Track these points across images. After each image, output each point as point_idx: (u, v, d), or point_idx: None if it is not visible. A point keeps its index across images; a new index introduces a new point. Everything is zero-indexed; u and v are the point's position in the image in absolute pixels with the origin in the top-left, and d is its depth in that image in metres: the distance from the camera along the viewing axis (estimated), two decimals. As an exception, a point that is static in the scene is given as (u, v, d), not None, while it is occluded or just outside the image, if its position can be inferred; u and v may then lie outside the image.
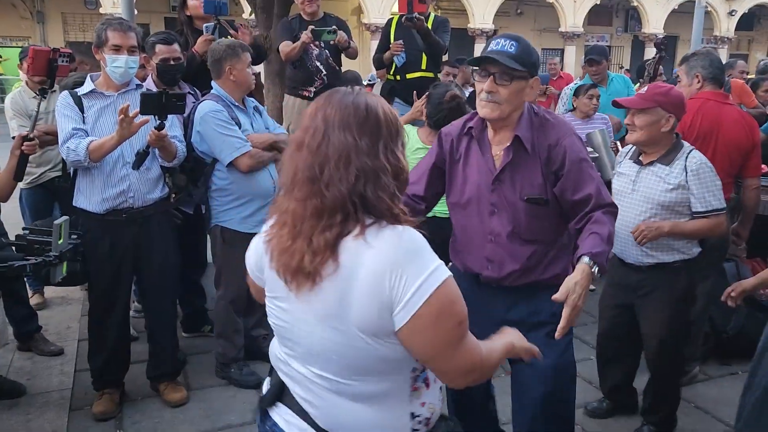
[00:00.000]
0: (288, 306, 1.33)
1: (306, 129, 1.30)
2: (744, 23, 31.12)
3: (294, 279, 1.27)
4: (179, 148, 3.09)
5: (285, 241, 1.28)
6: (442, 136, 2.31)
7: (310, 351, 1.32)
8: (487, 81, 2.04)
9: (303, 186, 1.26)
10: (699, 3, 13.67)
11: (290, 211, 1.28)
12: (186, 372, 3.55)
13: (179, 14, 4.23)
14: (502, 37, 2.09)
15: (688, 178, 2.68)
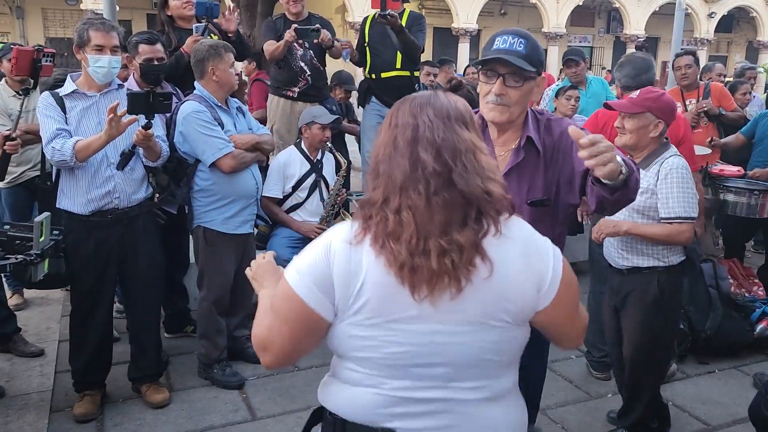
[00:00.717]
0: (419, 326, 1.22)
1: (405, 125, 1.23)
2: (723, 25, 31.56)
3: (432, 287, 1.18)
4: (163, 148, 3.08)
5: (413, 246, 1.17)
6: None
7: (458, 363, 1.24)
8: (496, 83, 1.89)
9: (430, 180, 1.18)
10: (679, 5, 13.85)
11: (410, 210, 1.18)
12: (168, 373, 3.54)
13: (160, 14, 4.20)
14: (508, 33, 1.92)
15: (657, 182, 2.68)
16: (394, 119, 1.27)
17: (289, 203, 4.24)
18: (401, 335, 1.23)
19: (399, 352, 1.24)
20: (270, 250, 1.63)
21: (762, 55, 31.02)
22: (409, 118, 1.25)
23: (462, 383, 1.26)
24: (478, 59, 1.94)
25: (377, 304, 1.22)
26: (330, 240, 1.26)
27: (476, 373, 1.26)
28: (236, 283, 3.48)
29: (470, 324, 1.23)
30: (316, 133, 4.18)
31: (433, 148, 1.20)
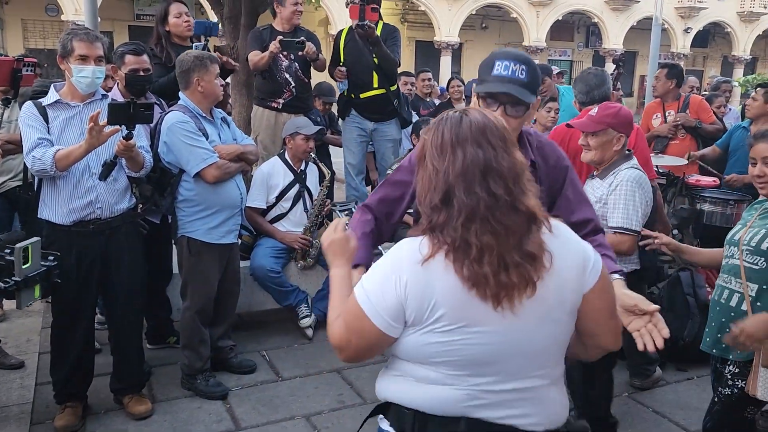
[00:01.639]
0: (495, 326, 1.32)
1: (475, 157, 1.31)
2: (699, 40, 32.25)
3: (511, 294, 1.29)
4: (146, 158, 3.08)
5: (495, 267, 1.28)
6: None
7: (530, 356, 1.37)
8: (497, 110, 1.82)
9: (504, 209, 1.30)
10: (656, 20, 14.14)
11: (490, 235, 1.28)
12: (151, 384, 3.52)
13: (157, 27, 4.23)
14: (509, 59, 1.85)
15: (608, 192, 2.78)
16: (454, 144, 1.33)
17: (273, 213, 4.25)
18: (479, 337, 1.32)
19: (477, 353, 1.33)
20: (344, 219, 1.68)
21: (736, 70, 31.74)
22: (475, 148, 1.33)
23: (533, 372, 1.38)
24: (481, 88, 1.88)
25: (454, 313, 1.31)
26: (400, 262, 1.34)
27: (542, 362, 1.40)
28: (220, 293, 3.48)
29: (540, 319, 1.35)
30: (300, 144, 4.20)
31: (501, 180, 1.31)
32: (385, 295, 1.33)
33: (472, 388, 1.35)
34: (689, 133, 5.14)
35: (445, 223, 1.31)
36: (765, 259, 2.32)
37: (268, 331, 4.27)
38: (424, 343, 1.34)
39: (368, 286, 1.36)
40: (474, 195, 1.29)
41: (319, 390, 3.54)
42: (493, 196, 1.29)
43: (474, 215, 1.29)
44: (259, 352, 3.97)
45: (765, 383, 2.25)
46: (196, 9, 17.67)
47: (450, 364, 1.35)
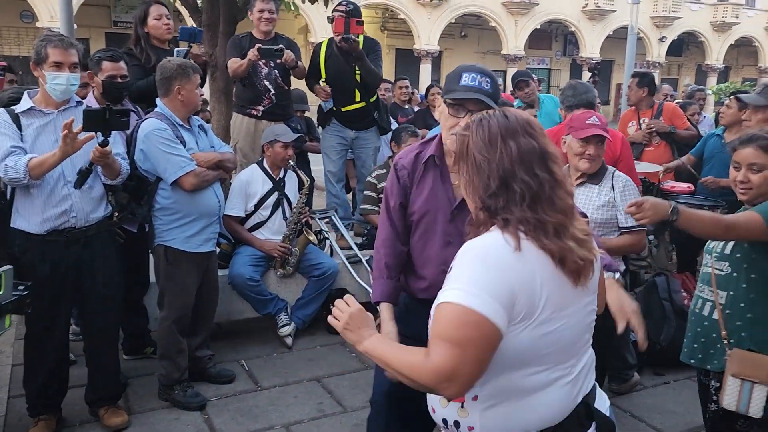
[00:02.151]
0: (576, 305, 1.41)
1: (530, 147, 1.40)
2: (674, 49, 32.84)
3: (587, 270, 1.40)
4: (123, 166, 3.04)
5: (576, 239, 1.37)
6: (398, 171, 2.24)
7: (588, 328, 1.48)
8: (464, 118, 2.00)
9: (557, 180, 1.40)
10: (631, 29, 14.39)
11: (558, 212, 1.37)
12: (127, 395, 3.47)
13: (137, 29, 4.19)
14: (476, 72, 2.05)
15: (615, 195, 2.86)
16: (504, 135, 1.40)
17: (252, 222, 4.23)
18: (569, 319, 1.39)
19: (570, 335, 1.40)
20: (347, 295, 1.61)
21: (710, 78, 32.36)
22: (527, 137, 1.41)
23: (590, 341, 1.51)
24: (450, 95, 2.05)
25: (553, 299, 1.35)
26: (496, 257, 1.33)
27: (591, 331, 1.51)
28: (198, 302, 3.44)
29: (593, 300, 1.48)
30: (279, 152, 4.19)
31: (555, 163, 1.42)
32: (495, 291, 1.29)
33: (570, 375, 1.42)
34: (663, 139, 5.22)
35: (506, 206, 1.36)
36: (729, 263, 2.32)
37: (247, 340, 4.23)
38: (536, 337, 1.33)
39: (471, 289, 1.29)
40: (536, 176, 1.37)
41: (299, 399, 3.51)
42: (553, 176, 1.39)
43: (539, 196, 1.36)
44: (238, 362, 3.93)
45: (732, 392, 2.25)
46: (174, 17, 17.58)
47: (552, 354, 1.37)
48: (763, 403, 2.23)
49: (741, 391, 2.24)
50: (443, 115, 2.10)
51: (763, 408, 2.24)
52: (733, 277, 2.32)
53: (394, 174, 2.27)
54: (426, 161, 2.20)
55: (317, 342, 4.24)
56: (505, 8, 27.93)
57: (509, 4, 27.72)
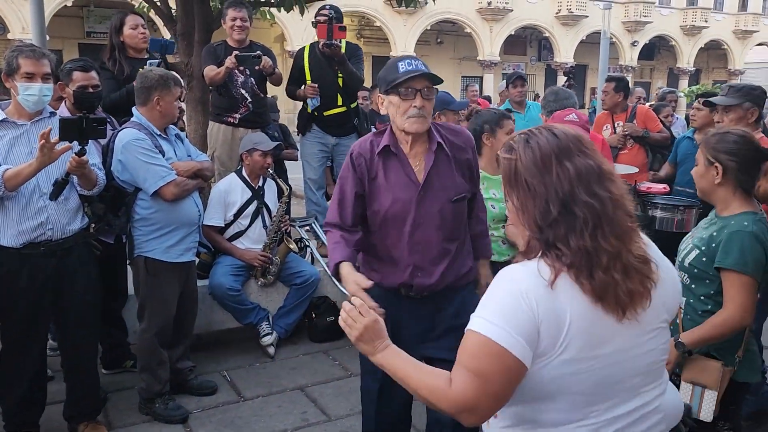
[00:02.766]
0: (620, 343, 1.28)
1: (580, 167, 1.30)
2: (646, 53, 33.41)
3: (635, 303, 1.27)
4: (99, 176, 3.00)
5: (627, 269, 1.26)
6: (354, 159, 2.34)
7: (646, 370, 1.33)
8: (417, 98, 2.19)
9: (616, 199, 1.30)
10: (604, 34, 14.60)
11: (607, 240, 1.25)
12: (107, 410, 3.40)
13: (112, 38, 4.15)
14: (407, 58, 2.24)
15: None
16: (559, 155, 1.30)
17: (232, 231, 4.19)
18: (605, 359, 1.27)
19: (603, 376, 1.28)
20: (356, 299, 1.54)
21: (681, 81, 32.98)
22: (582, 156, 1.30)
23: (648, 387, 1.35)
24: (398, 81, 2.18)
25: (584, 338, 1.25)
26: (525, 289, 1.25)
27: (655, 374, 1.37)
28: (178, 313, 3.40)
29: (654, 329, 1.34)
30: (258, 160, 4.16)
31: (612, 181, 1.31)
32: (519, 324, 1.23)
33: (597, 418, 1.30)
34: (637, 142, 5.29)
35: (567, 235, 1.26)
36: (688, 275, 2.31)
37: (229, 350, 4.19)
38: (557, 375, 1.26)
39: (495, 320, 1.25)
40: (597, 196, 1.27)
41: (283, 408, 3.48)
42: (613, 195, 1.29)
43: (601, 217, 1.26)
44: (220, 373, 3.89)
45: (684, 397, 2.26)
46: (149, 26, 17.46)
47: (577, 395, 1.28)
48: (712, 407, 2.25)
49: (692, 395, 2.27)
50: (392, 105, 2.24)
51: (712, 412, 2.25)
52: (691, 288, 2.32)
53: (349, 163, 2.35)
54: (381, 152, 2.30)
55: (300, 351, 4.22)
56: (479, 15, 28.19)
57: (484, 10, 27.98)
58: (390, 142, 2.30)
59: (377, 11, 25.87)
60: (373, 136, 2.38)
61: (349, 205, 2.35)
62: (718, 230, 2.25)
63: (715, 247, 2.22)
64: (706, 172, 2.29)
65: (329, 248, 2.36)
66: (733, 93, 3.27)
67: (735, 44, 35.15)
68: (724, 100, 3.30)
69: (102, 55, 4.23)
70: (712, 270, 2.23)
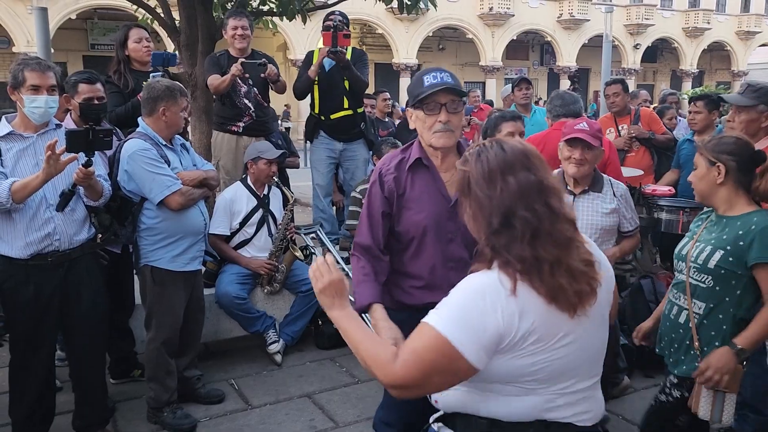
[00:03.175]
0: (573, 336, 1.42)
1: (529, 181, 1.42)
2: (648, 56, 33.39)
3: (584, 301, 1.40)
4: (105, 187, 3.02)
5: (569, 276, 1.38)
6: (382, 177, 2.26)
7: (593, 359, 1.50)
8: (441, 112, 2.13)
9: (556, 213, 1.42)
10: (606, 37, 14.60)
11: (556, 247, 1.39)
12: (115, 419, 3.41)
13: (117, 52, 4.20)
14: (433, 71, 2.17)
15: (618, 202, 2.96)
16: (504, 170, 1.42)
17: (237, 240, 4.20)
18: (562, 350, 1.41)
19: (560, 365, 1.42)
20: (329, 255, 1.66)
21: (685, 83, 32.92)
22: (525, 171, 1.42)
23: (592, 374, 1.51)
24: (423, 95, 2.12)
25: (539, 334, 1.38)
26: (486, 295, 1.37)
27: (598, 363, 1.53)
28: (184, 322, 3.41)
29: (597, 324, 1.49)
30: (263, 169, 4.18)
31: (554, 195, 1.43)
32: (478, 330, 1.34)
33: (551, 394, 1.44)
34: (643, 144, 5.28)
35: (508, 245, 1.39)
36: (712, 277, 2.29)
37: (236, 359, 4.19)
38: (514, 367, 1.39)
39: (457, 323, 1.36)
40: (535, 212, 1.39)
41: (290, 416, 3.48)
42: (552, 210, 1.40)
43: (539, 231, 1.38)
44: (228, 381, 3.89)
45: (705, 403, 2.26)
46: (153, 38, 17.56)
47: (536, 381, 1.42)
48: (732, 410, 2.24)
49: (714, 401, 2.25)
50: (419, 120, 2.18)
51: (732, 415, 2.25)
52: (715, 290, 2.29)
53: (377, 181, 2.27)
54: (412, 165, 2.23)
55: (307, 358, 4.22)
56: (481, 20, 28.25)
57: (485, 16, 28.04)
58: (421, 155, 2.23)
59: (379, 19, 25.96)
60: (400, 152, 2.31)
61: (380, 225, 2.25)
62: (743, 230, 2.24)
63: (744, 245, 2.23)
64: (707, 174, 2.32)
65: (356, 278, 2.22)
66: (749, 93, 3.09)
67: (738, 45, 35.10)
68: (738, 99, 3.13)
69: (108, 68, 4.27)
70: (741, 269, 2.24)
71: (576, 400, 1.47)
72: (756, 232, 2.21)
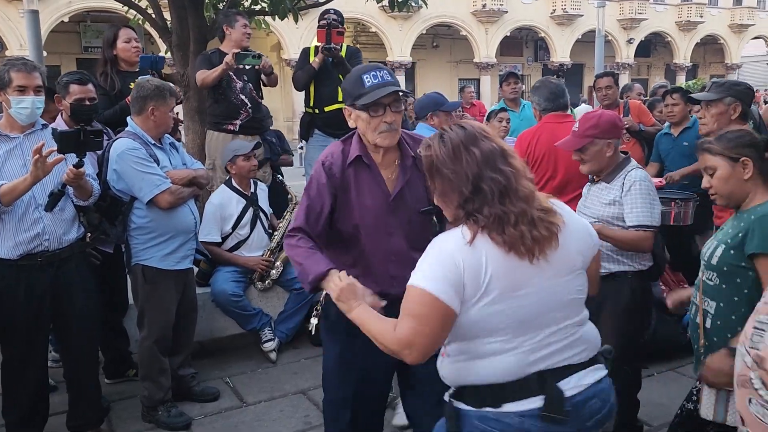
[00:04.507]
0: (536, 284, 1.58)
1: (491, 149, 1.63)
2: (642, 50, 33.44)
3: (542, 246, 1.57)
4: (94, 186, 3.02)
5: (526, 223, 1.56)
6: (327, 169, 2.24)
7: (565, 305, 1.64)
8: (386, 113, 2.14)
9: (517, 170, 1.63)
10: (599, 32, 14.63)
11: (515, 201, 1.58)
12: (110, 419, 3.42)
13: (105, 52, 4.19)
14: (371, 69, 2.17)
15: (623, 194, 2.81)
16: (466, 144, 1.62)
17: (232, 242, 4.20)
18: (526, 297, 1.58)
19: (527, 312, 1.58)
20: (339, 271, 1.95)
21: (678, 77, 32.98)
22: (486, 141, 1.63)
23: (569, 319, 1.66)
24: (365, 100, 2.12)
25: (503, 282, 1.56)
26: (451, 249, 1.58)
27: (575, 310, 1.68)
28: (177, 321, 3.41)
29: (567, 272, 1.64)
30: (242, 165, 4.18)
31: (512, 157, 1.64)
32: (446, 277, 1.54)
33: (528, 347, 1.59)
34: (634, 137, 5.30)
35: (481, 206, 1.57)
36: (717, 274, 2.22)
37: (231, 357, 4.20)
38: (484, 314, 1.56)
39: (429, 275, 1.56)
40: (501, 172, 1.59)
41: (285, 413, 3.49)
42: (514, 169, 1.61)
43: (506, 189, 1.58)
44: (222, 379, 3.90)
45: (708, 402, 2.19)
46: (145, 39, 17.52)
47: (507, 329, 1.58)
48: None
49: (717, 400, 2.17)
50: (361, 120, 2.19)
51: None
52: (722, 288, 2.22)
53: (323, 171, 2.24)
54: (353, 162, 2.23)
55: (301, 355, 4.22)
56: (474, 17, 28.27)
57: (479, 12, 28.06)
58: (361, 152, 2.24)
59: (372, 17, 25.96)
60: (342, 144, 2.30)
61: (321, 219, 2.23)
62: (744, 222, 2.17)
63: (742, 236, 2.14)
64: (732, 173, 2.21)
65: (303, 253, 2.15)
66: (715, 88, 3.24)
67: (731, 38, 35.18)
68: (706, 95, 3.28)
69: (95, 69, 4.26)
70: (743, 261, 2.13)
71: (563, 346, 1.63)
72: (755, 221, 2.11)
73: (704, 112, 3.26)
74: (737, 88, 3.19)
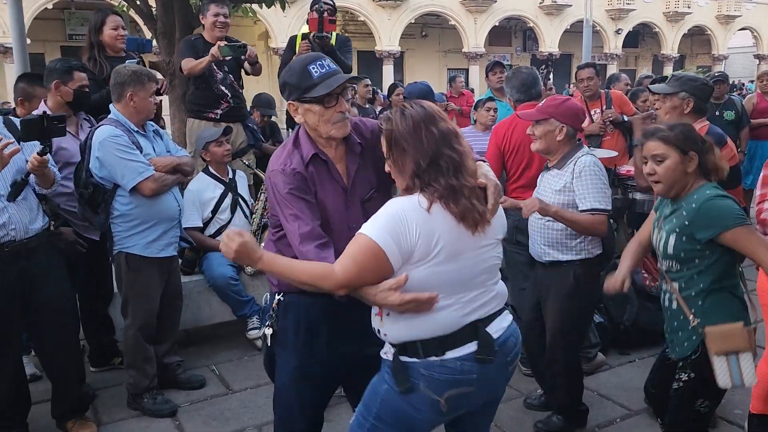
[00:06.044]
0: (474, 250, 1.83)
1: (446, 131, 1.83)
2: (630, 41, 33.50)
3: (483, 221, 1.80)
4: (56, 174, 3.00)
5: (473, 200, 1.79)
6: (292, 174, 2.10)
7: (489, 270, 1.90)
8: (339, 102, 2.07)
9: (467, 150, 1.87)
10: (587, 23, 14.65)
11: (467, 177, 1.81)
12: (96, 407, 3.42)
13: (91, 36, 4.15)
14: (317, 60, 2.07)
15: (573, 179, 2.87)
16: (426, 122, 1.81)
17: (213, 228, 4.21)
18: (466, 261, 1.82)
19: (466, 273, 1.83)
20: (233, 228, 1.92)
21: (666, 68, 33.08)
22: (442, 122, 1.83)
23: (491, 281, 1.93)
24: (316, 92, 2.02)
25: (450, 247, 1.77)
26: (406, 211, 1.75)
27: (494, 273, 1.95)
28: (162, 308, 3.41)
29: (494, 241, 1.91)
30: (215, 151, 4.20)
31: (463, 138, 1.87)
32: (395, 235, 1.72)
33: (464, 304, 1.84)
34: (617, 127, 5.34)
35: (437, 177, 1.77)
36: (676, 260, 2.37)
37: (217, 345, 4.21)
38: (430, 273, 1.77)
39: (379, 229, 1.74)
40: (456, 150, 1.80)
41: (271, 399, 3.50)
42: (465, 148, 1.83)
43: (460, 165, 1.79)
44: (209, 367, 3.91)
45: (722, 371, 2.25)
46: (132, 27, 17.33)
47: (449, 287, 1.80)
48: (753, 370, 2.24)
49: (729, 366, 2.24)
50: (311, 113, 2.07)
51: (753, 374, 2.25)
52: (682, 272, 2.37)
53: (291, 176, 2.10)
54: (310, 161, 2.12)
55: (288, 343, 4.23)
56: (463, 6, 28.16)
57: (468, 2, 27.96)
58: (316, 150, 2.13)
59: (361, 6, 25.81)
60: (292, 147, 2.16)
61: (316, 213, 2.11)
62: (686, 211, 2.32)
63: (689, 224, 2.30)
64: (680, 164, 2.35)
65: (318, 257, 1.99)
66: (672, 82, 3.33)
67: (718, 29, 35.31)
68: (662, 88, 3.35)
69: (81, 54, 4.22)
70: (698, 245, 2.29)
71: (487, 300, 1.90)
72: (696, 209, 2.28)
73: (660, 104, 3.35)
74: (693, 83, 3.25)
